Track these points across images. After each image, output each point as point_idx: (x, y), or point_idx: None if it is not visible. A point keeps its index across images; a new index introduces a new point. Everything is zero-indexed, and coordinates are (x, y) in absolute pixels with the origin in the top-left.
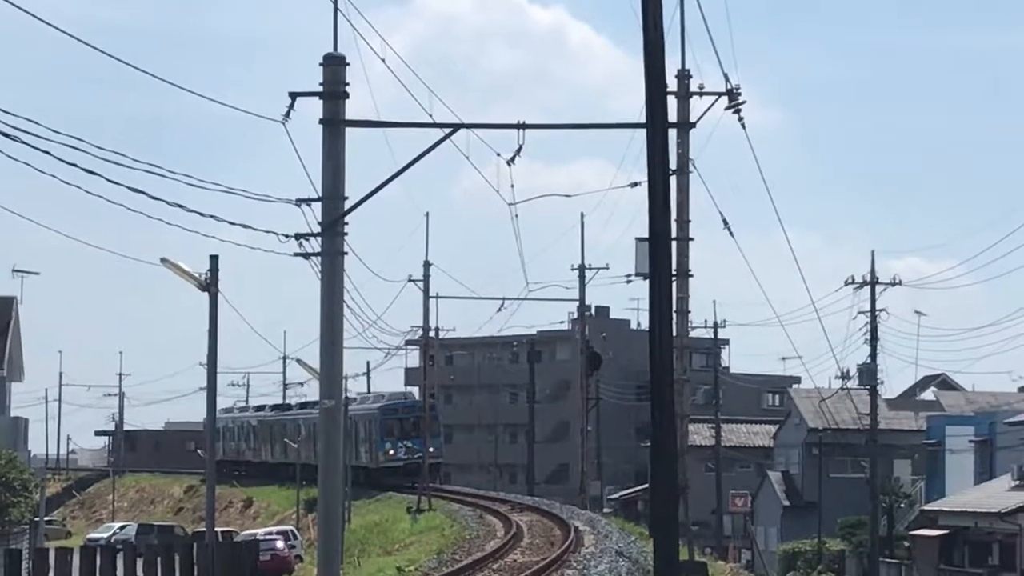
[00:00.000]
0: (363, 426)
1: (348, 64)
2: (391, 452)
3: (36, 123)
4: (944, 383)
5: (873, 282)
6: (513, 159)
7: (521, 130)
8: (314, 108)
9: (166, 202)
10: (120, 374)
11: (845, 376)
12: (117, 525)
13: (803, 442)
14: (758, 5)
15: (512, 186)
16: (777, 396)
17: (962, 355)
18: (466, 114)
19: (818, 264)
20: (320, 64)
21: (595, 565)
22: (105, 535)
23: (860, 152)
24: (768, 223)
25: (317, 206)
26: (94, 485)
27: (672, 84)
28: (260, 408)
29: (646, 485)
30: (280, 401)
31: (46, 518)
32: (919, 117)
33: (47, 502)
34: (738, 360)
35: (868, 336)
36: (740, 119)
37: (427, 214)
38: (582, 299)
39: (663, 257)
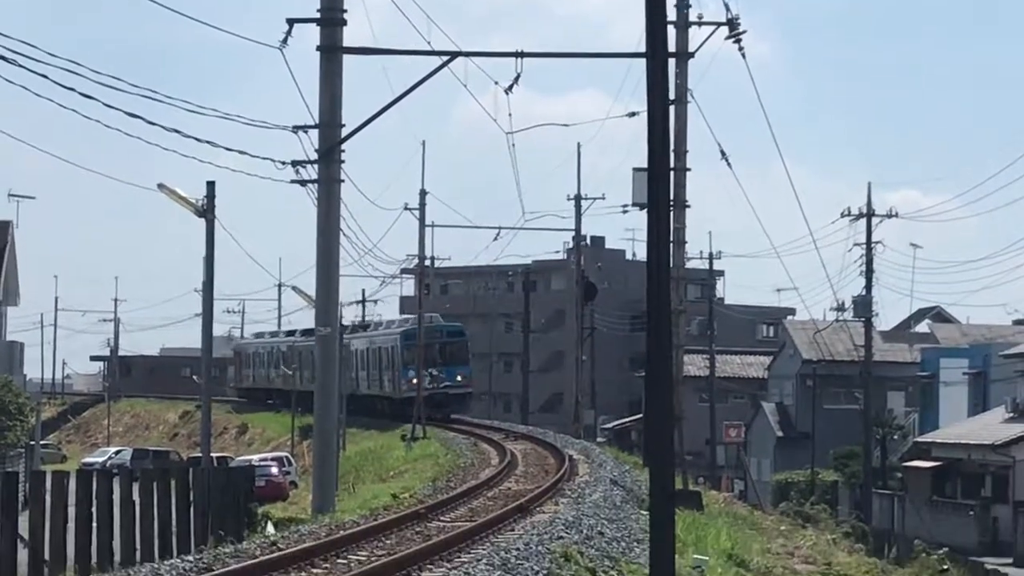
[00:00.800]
0: (385, 353)
1: None
2: (414, 381)
3: (33, 46)
4: (939, 315)
5: (869, 214)
6: (511, 88)
7: (520, 59)
8: (312, 35)
9: (163, 127)
10: (116, 299)
11: (840, 308)
12: (112, 450)
13: (797, 373)
14: None
15: (510, 115)
16: (772, 327)
17: (957, 288)
18: (463, 43)
19: (813, 196)
20: None
21: (590, 494)
22: (100, 460)
23: (857, 84)
24: (765, 154)
25: (314, 134)
26: (89, 410)
27: (671, 14)
28: (291, 333)
29: (640, 415)
30: (276, 328)
31: (42, 442)
32: (917, 49)
33: (42, 426)
34: (733, 291)
35: (863, 268)
36: (740, 49)
37: (423, 143)
38: (578, 229)
39: (662, 188)
